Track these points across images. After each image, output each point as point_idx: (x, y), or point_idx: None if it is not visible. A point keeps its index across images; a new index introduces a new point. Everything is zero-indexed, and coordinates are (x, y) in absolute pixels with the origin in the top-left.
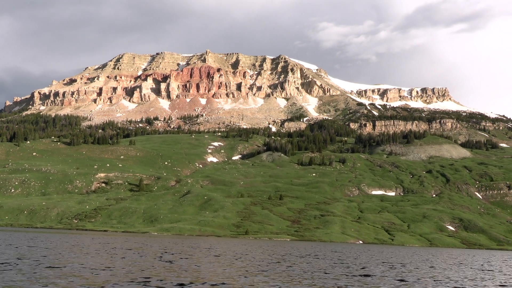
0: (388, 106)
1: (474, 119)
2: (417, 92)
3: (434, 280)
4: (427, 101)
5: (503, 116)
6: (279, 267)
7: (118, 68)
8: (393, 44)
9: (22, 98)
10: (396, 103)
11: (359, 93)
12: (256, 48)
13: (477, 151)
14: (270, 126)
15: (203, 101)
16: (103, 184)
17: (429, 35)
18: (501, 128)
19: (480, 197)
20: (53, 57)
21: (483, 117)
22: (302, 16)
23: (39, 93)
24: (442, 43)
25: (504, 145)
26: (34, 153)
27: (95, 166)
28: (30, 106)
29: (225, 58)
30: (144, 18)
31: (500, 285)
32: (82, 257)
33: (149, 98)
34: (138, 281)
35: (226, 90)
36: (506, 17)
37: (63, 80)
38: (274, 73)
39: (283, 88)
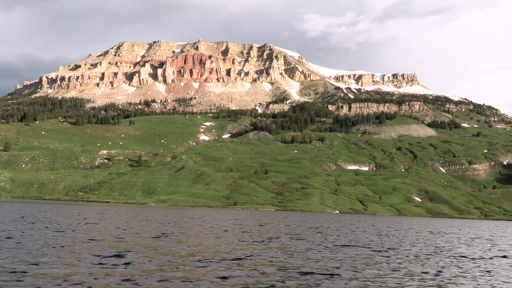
0: (362, 90)
1: (439, 101)
2: (388, 77)
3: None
4: (398, 85)
5: (465, 99)
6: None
7: (118, 55)
8: (372, 34)
9: (31, 82)
10: (370, 87)
11: (337, 78)
12: (246, 37)
13: (442, 131)
14: (257, 108)
15: (196, 85)
16: (106, 160)
17: (404, 25)
18: (463, 110)
19: (444, 171)
20: (62, 45)
21: (447, 100)
22: (290, 8)
23: (47, 77)
24: (416, 33)
25: (465, 125)
26: (43, 132)
27: (98, 144)
28: (38, 90)
29: (215, 46)
30: (147, 9)
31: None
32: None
33: (147, 82)
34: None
35: (217, 75)
36: (474, 11)
37: (69, 66)
38: (260, 60)
39: (268, 74)
